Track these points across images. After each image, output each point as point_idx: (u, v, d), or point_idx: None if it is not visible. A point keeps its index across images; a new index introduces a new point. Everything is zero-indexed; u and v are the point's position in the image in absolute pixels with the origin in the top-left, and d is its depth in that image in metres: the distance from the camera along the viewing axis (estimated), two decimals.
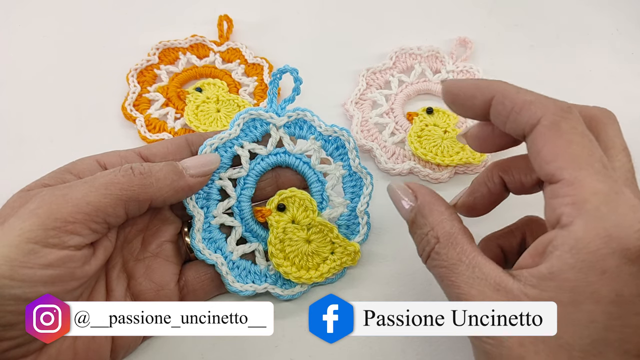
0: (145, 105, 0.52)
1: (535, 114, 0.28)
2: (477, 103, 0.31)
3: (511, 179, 0.34)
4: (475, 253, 0.29)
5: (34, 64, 0.56)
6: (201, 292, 0.38)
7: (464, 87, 0.32)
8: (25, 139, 0.50)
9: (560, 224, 0.26)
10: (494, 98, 0.30)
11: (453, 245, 0.30)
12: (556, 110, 0.28)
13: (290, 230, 0.39)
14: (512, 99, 0.29)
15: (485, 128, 0.34)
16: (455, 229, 0.30)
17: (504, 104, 0.30)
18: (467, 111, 0.33)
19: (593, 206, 0.25)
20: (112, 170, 0.33)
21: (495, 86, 0.30)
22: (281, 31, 0.60)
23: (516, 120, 0.29)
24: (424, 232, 0.32)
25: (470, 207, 0.36)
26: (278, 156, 0.41)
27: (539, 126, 0.28)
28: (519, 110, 0.29)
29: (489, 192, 0.35)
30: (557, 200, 0.26)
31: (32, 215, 0.29)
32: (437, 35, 0.59)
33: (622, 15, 0.62)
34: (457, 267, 0.29)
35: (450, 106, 0.34)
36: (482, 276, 0.28)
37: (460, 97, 0.32)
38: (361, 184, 0.41)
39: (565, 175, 0.26)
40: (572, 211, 0.26)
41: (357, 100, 0.52)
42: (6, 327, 0.28)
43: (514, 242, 0.36)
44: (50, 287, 0.29)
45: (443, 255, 0.30)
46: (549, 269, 0.26)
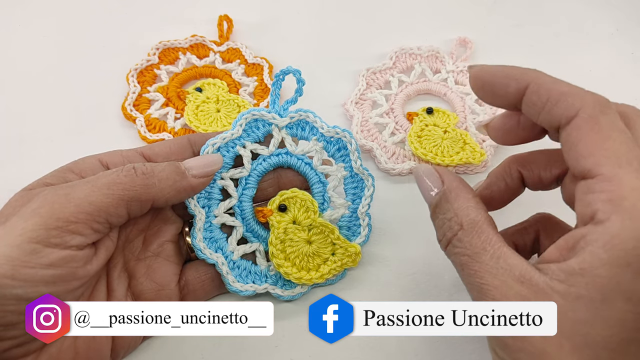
0: (145, 105, 0.52)
1: (573, 106, 0.27)
2: (510, 91, 0.30)
3: (530, 174, 0.33)
4: (500, 243, 0.28)
5: (34, 64, 0.56)
6: (201, 292, 0.38)
7: (496, 74, 0.31)
8: (25, 139, 0.50)
9: (595, 219, 0.25)
10: (529, 87, 0.29)
11: (478, 233, 0.29)
12: (595, 104, 0.27)
13: (291, 230, 0.39)
14: (548, 89, 0.28)
15: (510, 119, 0.33)
16: (481, 217, 0.30)
17: (539, 93, 0.29)
18: (497, 100, 0.31)
19: (631, 203, 0.25)
20: (114, 170, 0.33)
21: (530, 75, 0.29)
22: (281, 31, 0.60)
23: (551, 111, 0.28)
24: (446, 217, 0.31)
25: (487, 201, 0.35)
26: (280, 157, 0.41)
27: (577, 119, 0.27)
28: (555, 101, 0.28)
29: (506, 186, 0.34)
30: (592, 196, 0.26)
31: (34, 215, 0.29)
32: (437, 35, 0.59)
33: (622, 15, 0.62)
34: (480, 255, 0.28)
35: (479, 93, 0.32)
36: (506, 267, 0.27)
37: (491, 84, 0.31)
38: (362, 186, 0.41)
39: (603, 171, 0.26)
40: (609, 207, 0.25)
41: (357, 100, 0.53)
42: (7, 326, 0.28)
43: (527, 239, 0.36)
44: (52, 287, 0.29)
45: (466, 242, 0.29)
46: (579, 264, 0.25)
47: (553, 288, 0.25)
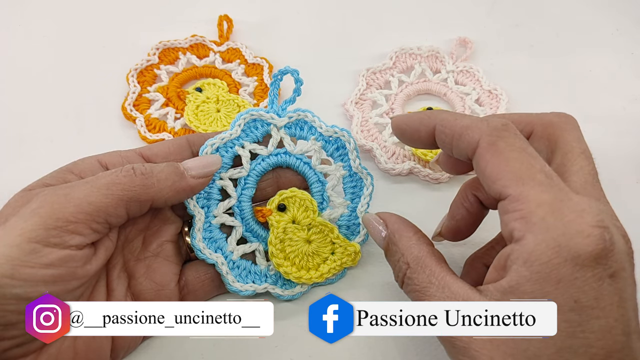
0: (145, 105, 0.52)
1: (473, 138, 0.30)
2: (422, 135, 0.33)
3: (484, 195, 0.35)
4: (443, 273, 0.30)
5: (34, 64, 0.56)
6: (201, 292, 0.38)
7: (409, 121, 0.34)
8: (25, 139, 0.50)
9: (514, 238, 0.27)
10: (436, 128, 0.32)
11: (422, 268, 0.31)
12: (491, 131, 0.29)
13: (291, 230, 0.39)
14: (451, 127, 0.31)
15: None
16: (424, 252, 0.32)
17: (445, 132, 0.32)
18: (416, 143, 0.35)
19: (539, 218, 0.26)
20: (113, 171, 0.33)
21: (436, 117, 0.33)
22: (281, 31, 0.60)
23: (459, 146, 0.31)
24: (396, 259, 0.33)
25: (455, 231, 0.37)
26: (279, 156, 0.41)
27: (479, 148, 0.29)
28: (459, 136, 0.31)
29: (467, 212, 0.36)
30: (507, 216, 0.28)
31: (33, 215, 0.29)
32: (437, 35, 0.59)
33: (622, 15, 0.62)
34: (428, 289, 0.30)
35: (401, 140, 0.36)
36: (451, 295, 0.29)
37: (407, 131, 0.35)
38: (361, 185, 0.41)
39: (510, 192, 0.27)
40: (521, 225, 0.27)
41: (357, 100, 0.53)
42: (7, 326, 0.28)
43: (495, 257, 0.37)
44: (52, 287, 0.29)
45: (414, 279, 0.31)
46: (508, 283, 0.27)
47: None
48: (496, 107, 0.51)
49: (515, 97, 0.52)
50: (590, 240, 0.25)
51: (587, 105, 0.52)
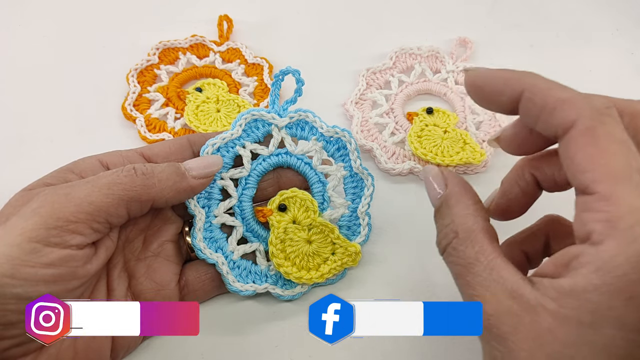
0: (145, 105, 0.52)
1: (569, 116, 0.26)
2: (504, 99, 0.29)
3: (543, 176, 0.32)
4: (494, 254, 0.27)
5: (34, 64, 0.56)
6: (201, 291, 0.38)
7: (491, 79, 0.29)
8: (25, 139, 0.50)
9: (590, 240, 0.24)
10: (523, 94, 0.28)
11: (472, 242, 0.28)
12: (592, 113, 0.25)
13: (291, 230, 0.39)
14: (544, 96, 0.27)
15: (522, 128, 0.31)
16: (478, 225, 0.29)
17: (534, 101, 0.27)
18: (493, 106, 0.30)
19: (627, 225, 0.23)
20: (114, 171, 0.33)
21: (525, 80, 0.28)
22: (281, 31, 0.60)
23: (547, 121, 0.27)
24: (445, 223, 0.30)
25: (505, 210, 0.34)
26: (280, 157, 0.41)
27: (573, 130, 0.26)
28: (551, 110, 0.26)
29: (521, 192, 0.33)
30: (589, 215, 0.25)
31: (34, 215, 0.29)
32: (437, 35, 0.59)
33: (622, 15, 0.62)
34: (473, 266, 0.27)
35: (475, 99, 0.31)
36: (499, 280, 0.26)
37: (486, 91, 0.30)
38: (362, 185, 0.41)
39: (599, 189, 0.24)
40: (604, 229, 0.24)
41: (357, 100, 0.53)
42: (7, 325, 0.28)
43: (537, 245, 0.35)
44: (52, 286, 0.29)
45: (460, 252, 0.28)
46: (571, 286, 0.24)
47: (544, 306, 0.25)
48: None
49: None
50: None
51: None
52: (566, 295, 0.24)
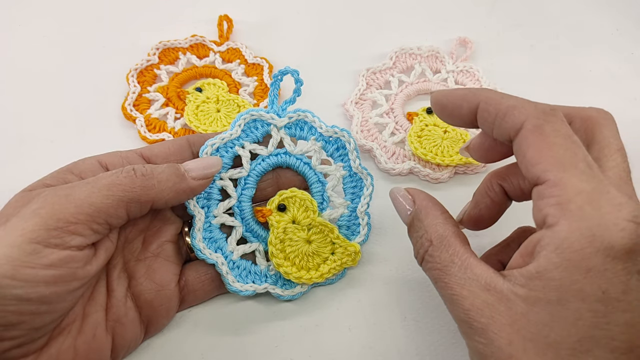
0: (145, 105, 0.52)
1: (519, 119, 0.29)
2: (464, 112, 0.32)
3: (510, 186, 0.35)
4: (467, 255, 0.30)
5: (34, 64, 0.56)
6: (201, 292, 0.39)
7: (451, 97, 0.33)
8: (25, 139, 0.50)
9: (546, 224, 0.27)
10: (479, 106, 0.31)
11: (445, 247, 0.31)
12: (538, 114, 0.29)
13: (291, 230, 0.39)
14: (496, 105, 0.30)
15: (487, 138, 0.34)
16: (448, 231, 0.31)
17: (489, 110, 0.31)
18: (455, 120, 0.34)
19: (577, 206, 0.26)
20: (114, 172, 0.33)
21: (480, 94, 0.32)
22: (281, 31, 0.60)
23: (501, 125, 0.30)
24: (419, 235, 0.33)
25: (477, 220, 0.36)
26: (279, 157, 0.41)
27: (523, 130, 0.29)
28: (503, 115, 0.30)
29: (492, 202, 0.35)
30: (542, 201, 0.27)
31: (34, 216, 0.29)
32: (437, 35, 0.59)
33: (622, 15, 0.62)
34: (449, 268, 0.30)
35: (440, 116, 0.35)
36: (473, 277, 0.28)
37: (448, 107, 0.34)
38: (362, 185, 0.41)
39: (549, 177, 0.27)
40: (557, 212, 0.26)
41: (357, 100, 0.53)
42: (7, 327, 0.28)
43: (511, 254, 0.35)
44: (52, 287, 0.29)
45: (436, 257, 0.31)
46: (536, 269, 0.26)
47: (516, 293, 0.27)
48: None
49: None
50: (625, 233, 0.25)
51: (587, 105, 0.52)
52: (533, 278, 0.26)
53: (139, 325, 0.35)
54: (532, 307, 0.26)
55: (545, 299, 0.26)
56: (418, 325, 0.39)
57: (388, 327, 0.38)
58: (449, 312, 0.30)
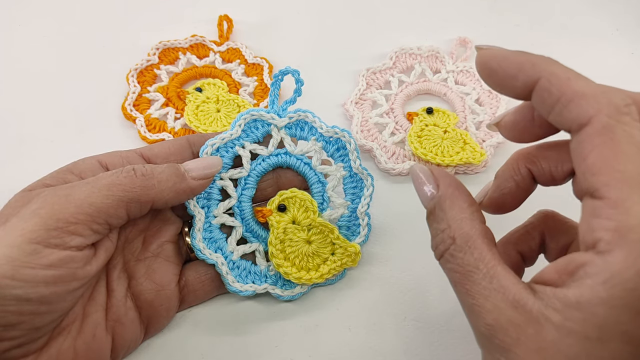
0: (145, 105, 0.52)
1: (587, 112, 0.24)
2: (518, 85, 0.27)
3: (540, 171, 0.30)
4: (495, 262, 0.26)
5: (34, 64, 0.56)
6: (201, 292, 0.39)
7: (505, 62, 0.28)
8: (25, 139, 0.50)
9: (597, 249, 0.23)
10: (539, 82, 0.26)
11: (471, 249, 0.27)
12: (611, 111, 0.24)
13: (291, 230, 0.39)
14: (561, 87, 0.25)
15: (523, 115, 0.30)
16: (476, 230, 0.27)
17: (550, 91, 0.26)
18: (505, 90, 0.28)
19: (638, 237, 0.22)
20: (114, 172, 0.33)
21: (542, 66, 0.26)
22: (281, 31, 0.60)
23: (562, 113, 0.25)
24: (440, 228, 0.29)
25: (499, 204, 0.32)
26: (279, 157, 0.41)
27: (589, 128, 0.24)
28: (567, 102, 0.25)
29: (516, 186, 0.31)
30: (597, 221, 0.23)
31: (34, 216, 0.29)
32: (437, 35, 0.59)
33: (622, 15, 0.62)
34: (472, 274, 0.26)
35: (486, 80, 0.29)
36: (500, 289, 0.25)
37: (499, 73, 0.28)
38: (362, 185, 0.41)
39: (610, 194, 0.23)
40: (613, 238, 0.23)
41: (357, 100, 0.53)
42: (7, 327, 0.28)
43: (532, 244, 0.34)
44: (52, 287, 0.29)
45: (458, 259, 0.27)
46: (577, 298, 0.23)
47: (548, 317, 0.24)
48: (496, 107, 0.51)
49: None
50: None
51: None
52: (571, 307, 0.23)
53: (138, 325, 0.35)
54: (565, 337, 0.23)
55: (583, 333, 0.23)
56: (418, 325, 0.39)
57: (388, 327, 0.38)
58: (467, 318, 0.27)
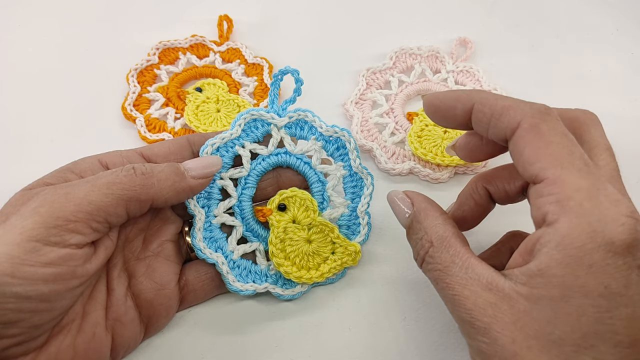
0: (145, 105, 0.52)
1: (515, 118, 0.29)
2: (458, 113, 0.32)
3: (495, 189, 0.35)
4: (467, 255, 0.30)
5: (34, 64, 0.56)
6: (201, 291, 0.38)
7: (444, 98, 0.33)
8: (25, 139, 0.50)
9: (546, 222, 0.27)
10: (474, 107, 0.31)
11: (446, 248, 0.31)
12: (534, 113, 0.29)
13: (291, 230, 0.39)
14: (491, 106, 0.30)
15: (473, 137, 0.35)
16: (449, 232, 0.31)
17: (484, 111, 0.31)
18: (449, 122, 0.34)
19: (576, 203, 0.26)
20: (114, 170, 0.33)
21: (474, 95, 0.32)
22: (281, 31, 0.60)
23: (497, 125, 0.30)
24: (419, 237, 0.33)
25: (460, 221, 0.37)
26: (279, 156, 0.41)
27: (519, 129, 0.29)
28: (499, 116, 0.30)
29: (475, 204, 0.36)
30: (541, 199, 0.27)
31: (34, 214, 0.29)
32: (437, 35, 0.59)
33: (622, 15, 0.62)
34: (450, 269, 0.30)
35: (433, 118, 0.35)
36: (474, 276, 0.29)
37: (441, 108, 0.34)
38: (362, 185, 0.41)
39: (548, 175, 0.27)
40: (557, 209, 0.27)
41: (357, 100, 0.53)
42: (7, 324, 0.28)
43: (503, 259, 0.37)
44: (52, 285, 0.29)
45: (437, 258, 0.31)
46: (537, 266, 0.26)
47: (518, 292, 0.27)
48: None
49: (515, 97, 0.52)
50: (624, 229, 0.25)
51: (587, 105, 0.52)
52: (535, 276, 0.26)
53: (138, 324, 0.35)
54: (534, 304, 0.26)
55: (548, 296, 0.26)
56: (418, 325, 0.38)
57: (388, 327, 0.38)
58: (450, 313, 0.30)
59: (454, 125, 0.34)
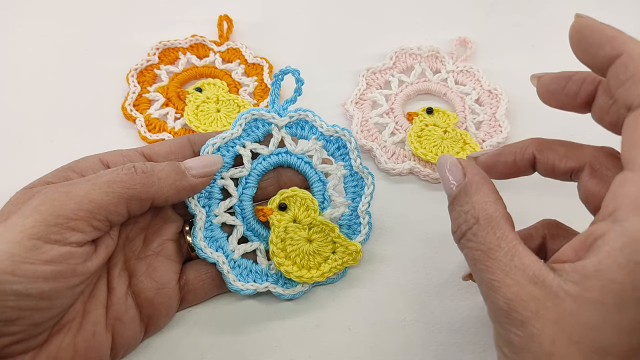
0: (145, 105, 0.52)
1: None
2: (600, 54, 0.28)
3: (544, 158, 0.33)
4: (516, 241, 0.27)
5: (34, 64, 0.56)
6: (202, 291, 0.38)
7: (598, 32, 0.29)
8: (25, 139, 0.50)
9: (614, 216, 0.24)
10: (620, 57, 0.27)
11: (493, 228, 0.28)
12: None
13: (292, 229, 0.39)
14: (637, 66, 0.26)
15: (558, 81, 0.33)
16: (499, 213, 0.29)
17: (627, 67, 0.27)
18: (587, 57, 0.30)
19: None
20: (114, 169, 0.33)
21: (627, 45, 0.27)
22: (281, 31, 0.60)
23: (630, 89, 0.26)
24: (463, 210, 0.30)
25: (490, 167, 0.35)
26: (280, 156, 0.41)
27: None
28: (637, 81, 0.26)
29: (513, 162, 0.34)
30: (622, 189, 0.25)
31: (34, 212, 0.29)
32: (437, 35, 0.59)
33: (622, 15, 0.62)
34: (494, 252, 0.27)
35: (574, 46, 0.31)
36: (520, 266, 0.26)
37: (587, 39, 0.29)
38: (362, 184, 0.41)
39: None
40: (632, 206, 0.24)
41: (357, 100, 0.53)
42: (7, 322, 0.28)
43: (532, 245, 0.35)
44: (52, 283, 0.29)
45: (480, 237, 0.28)
46: (595, 266, 0.24)
47: (566, 291, 0.24)
48: (496, 107, 0.51)
49: (515, 97, 0.52)
50: None
51: None
52: (590, 277, 0.24)
53: (139, 323, 0.35)
54: (582, 307, 0.24)
55: (601, 302, 0.23)
56: (418, 325, 0.38)
57: (388, 327, 0.38)
58: (482, 295, 0.28)
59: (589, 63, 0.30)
